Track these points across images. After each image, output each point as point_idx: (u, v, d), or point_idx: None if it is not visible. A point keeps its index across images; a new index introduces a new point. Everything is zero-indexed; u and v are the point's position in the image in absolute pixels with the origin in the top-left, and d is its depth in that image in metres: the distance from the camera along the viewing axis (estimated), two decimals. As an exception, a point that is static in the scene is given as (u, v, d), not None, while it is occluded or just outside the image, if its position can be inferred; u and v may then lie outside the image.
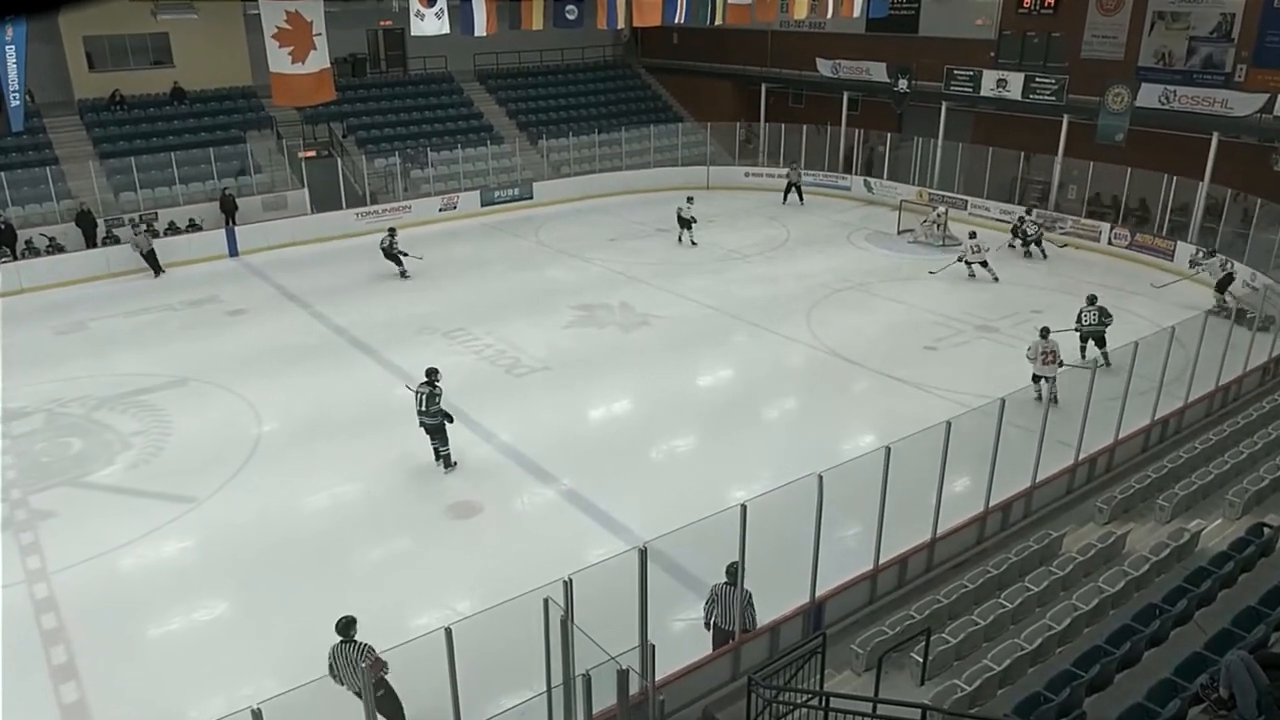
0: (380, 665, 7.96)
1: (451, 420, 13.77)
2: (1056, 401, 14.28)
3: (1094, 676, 7.39)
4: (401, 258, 23.41)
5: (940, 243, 25.23)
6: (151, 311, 21.42)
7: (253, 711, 5.91)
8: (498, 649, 8.14)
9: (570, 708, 7.34)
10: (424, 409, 13.61)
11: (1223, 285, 19.74)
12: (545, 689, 7.42)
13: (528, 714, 7.52)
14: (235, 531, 12.39)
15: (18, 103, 13.99)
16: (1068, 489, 12.20)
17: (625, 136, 33.64)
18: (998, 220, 27.04)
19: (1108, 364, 15.13)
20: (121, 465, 14.30)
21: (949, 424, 9.89)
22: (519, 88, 35.83)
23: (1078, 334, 16.58)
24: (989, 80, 27.69)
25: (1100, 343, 16.42)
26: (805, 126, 32.50)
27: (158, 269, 24.01)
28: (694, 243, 25.45)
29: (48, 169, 25.54)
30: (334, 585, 11.27)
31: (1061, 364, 14.86)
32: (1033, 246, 24.53)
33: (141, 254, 23.80)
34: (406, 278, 23.35)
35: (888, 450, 9.33)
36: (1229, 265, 20.27)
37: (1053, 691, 7.23)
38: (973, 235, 22.95)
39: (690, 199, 25.95)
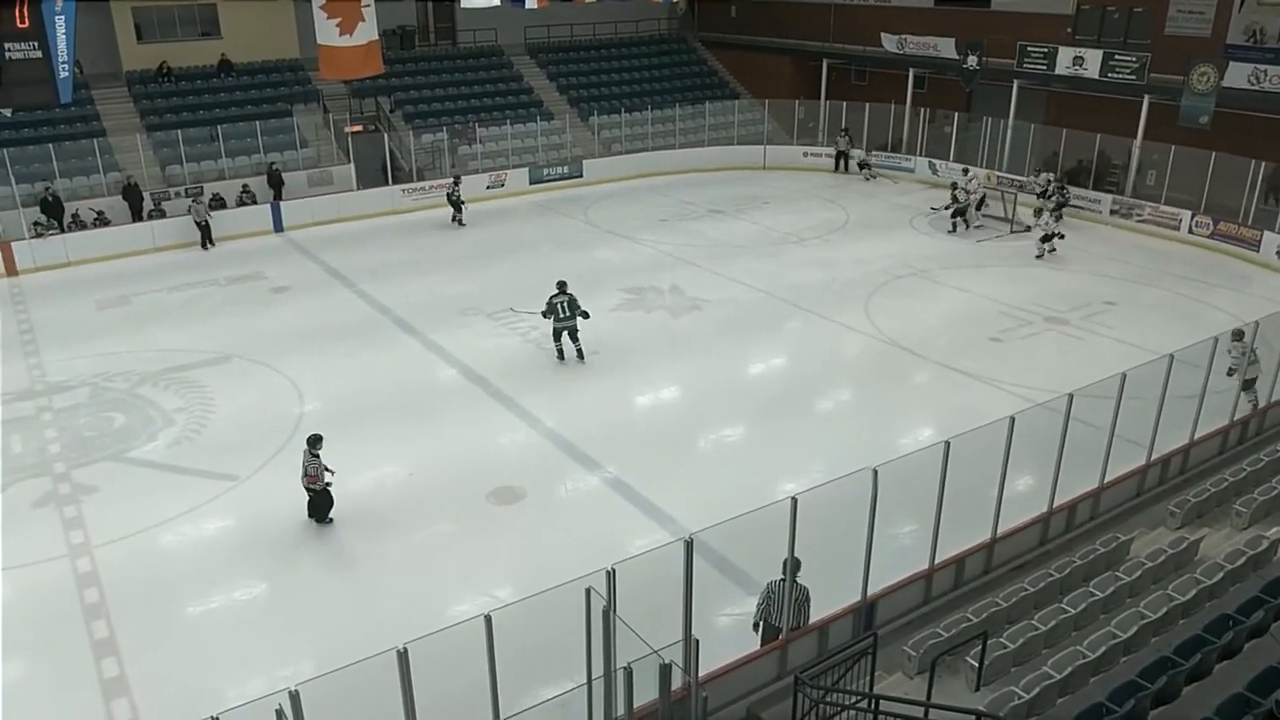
0: (314, 479, 11.96)
1: (588, 316, 16.88)
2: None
3: (1160, 688, 7.26)
4: (463, 205, 25.91)
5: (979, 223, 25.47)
6: (196, 287, 21.89)
7: (290, 694, 6.04)
8: (537, 638, 8.22)
9: (610, 701, 7.39)
10: (568, 315, 16.73)
11: None
12: (585, 681, 7.47)
13: (567, 705, 7.59)
14: (276, 511, 12.65)
15: (66, 74, 14.30)
16: (1138, 491, 11.96)
17: (679, 114, 33.51)
18: (1071, 205, 26.48)
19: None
20: (163, 441, 14.66)
21: (1012, 419, 9.74)
22: (570, 62, 35.86)
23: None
24: (1065, 57, 27.06)
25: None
26: (868, 105, 32.09)
27: (207, 241, 24.71)
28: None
29: (95, 141, 26.18)
30: (374, 568, 11.48)
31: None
32: (958, 218, 25.37)
33: (197, 223, 24.51)
34: (462, 225, 25.75)
35: (947, 445, 9.21)
36: None
37: (1116, 703, 7.11)
38: (953, 186, 23.25)
39: None
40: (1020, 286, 20.78)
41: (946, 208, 25.53)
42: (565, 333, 17.00)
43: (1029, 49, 27.90)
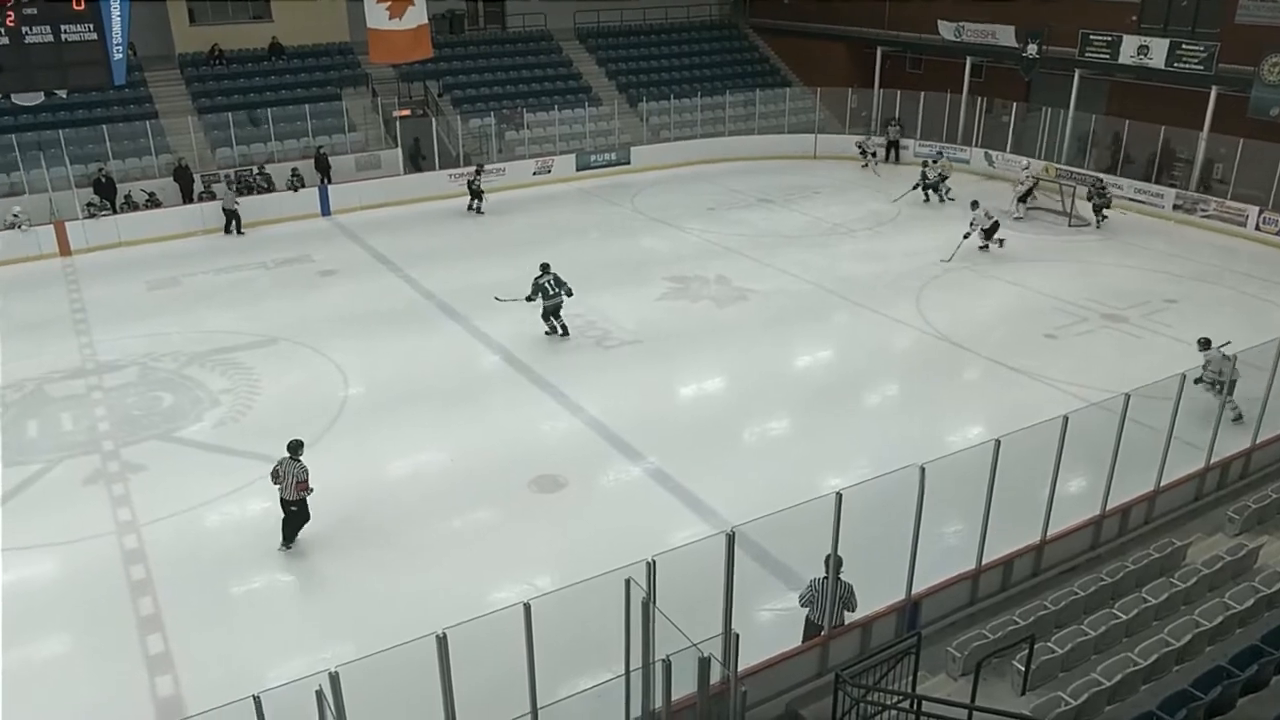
0: (304, 486, 11.35)
1: (571, 294, 17.52)
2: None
3: (1214, 699, 7.12)
4: (482, 194, 26.02)
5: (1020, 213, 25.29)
6: (244, 269, 22.26)
7: (330, 675, 6.14)
8: (576, 628, 8.27)
9: (648, 693, 7.42)
10: (556, 292, 17.29)
11: None
12: (623, 672, 7.51)
13: (604, 696, 7.63)
14: (318, 494, 12.79)
15: (120, 56, 14.59)
16: (1196, 495, 11.72)
17: (729, 101, 33.36)
18: (1131, 200, 25.99)
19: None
20: (210, 422, 14.94)
21: (1066, 418, 9.59)
22: (620, 47, 35.84)
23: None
24: (1129, 46, 26.49)
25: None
26: (923, 94, 31.69)
27: (231, 227, 24.87)
28: None
29: (148, 123, 26.68)
30: (414, 553, 11.62)
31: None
32: (930, 192, 26.65)
33: (226, 210, 24.76)
34: (480, 213, 25.78)
35: (997, 443, 9.10)
36: None
37: (1167, 712, 6.99)
38: (975, 205, 22.47)
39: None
40: (1077, 282, 20.43)
41: (915, 186, 26.68)
42: (552, 311, 17.62)
43: (1092, 37, 27.35)
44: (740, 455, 13.97)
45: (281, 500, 11.56)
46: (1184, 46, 25.42)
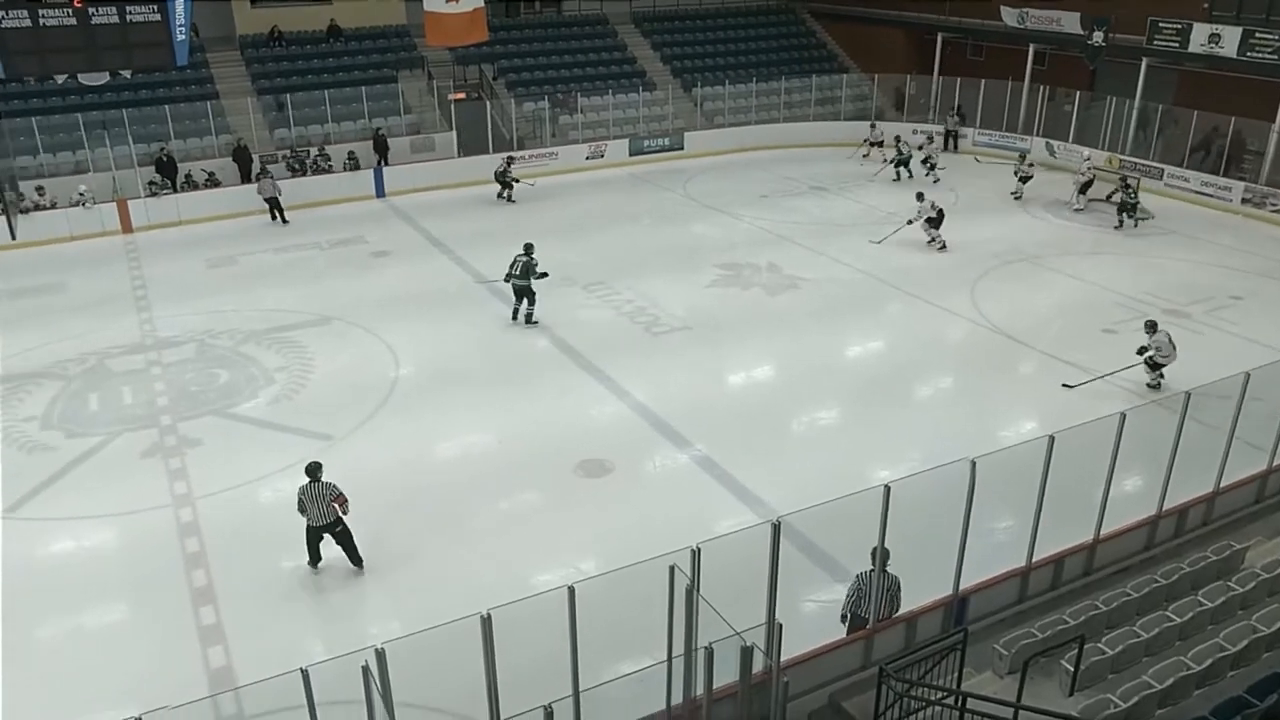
0: (342, 500, 10.59)
1: (542, 276, 17.50)
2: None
3: (1269, 707, 6.96)
4: (513, 184, 25.71)
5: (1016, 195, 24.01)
6: (299, 249, 22.59)
7: (376, 651, 6.24)
8: (619, 613, 8.30)
9: (690, 680, 7.44)
10: (518, 274, 17.41)
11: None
12: (666, 658, 7.53)
13: (646, 681, 7.67)
14: (367, 473, 13.02)
15: (183, 37, 14.87)
16: (1257, 497, 11.44)
17: (785, 87, 33.08)
18: (1198, 193, 25.36)
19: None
20: (264, 399, 15.22)
21: (1123, 415, 9.41)
22: (675, 31, 35.70)
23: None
24: (1199, 34, 25.79)
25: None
26: (983, 81, 31.16)
27: (275, 214, 24.73)
28: None
29: (208, 104, 27.17)
30: (460, 534, 11.74)
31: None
32: (901, 169, 27.64)
33: (266, 199, 24.64)
34: (511, 201, 25.75)
35: (1051, 439, 8.95)
36: None
37: (1220, 718, 6.86)
38: (920, 197, 22.19)
39: None
40: (1138, 276, 19.99)
41: (889, 161, 27.90)
42: (519, 293, 17.75)
43: (1160, 25, 26.69)
44: (788, 445, 13.91)
45: (317, 529, 10.75)
46: (1257, 35, 24.68)
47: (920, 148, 28.21)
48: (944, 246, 21.62)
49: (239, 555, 11.42)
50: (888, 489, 8.08)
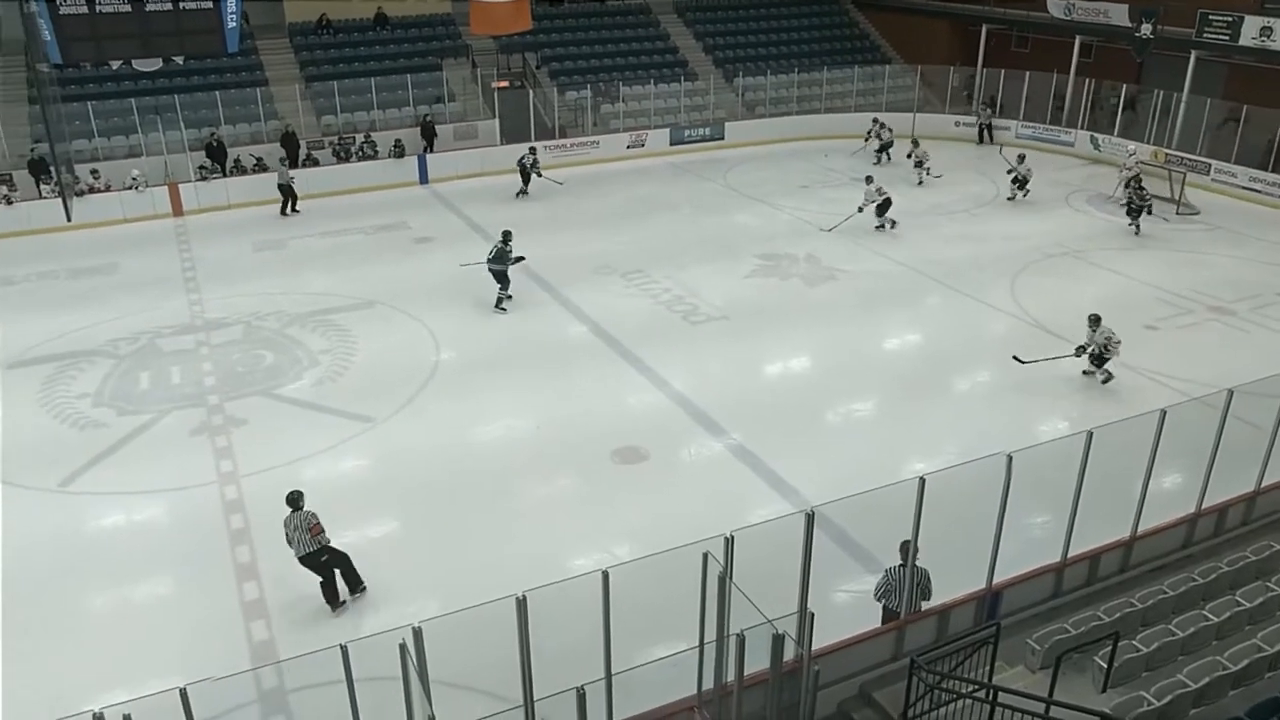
0: (318, 529, 10.03)
1: (516, 260, 17.75)
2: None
3: (1308, 709, 6.86)
4: (535, 176, 25.09)
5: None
6: (344, 234, 22.82)
7: (414, 629, 6.32)
8: (652, 598, 8.33)
9: (721, 666, 7.46)
10: (492, 258, 17.63)
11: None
12: (697, 644, 7.56)
13: (678, 665, 7.70)
14: (408, 455, 13.17)
15: (234, 25, 15.07)
16: (1299, 498, 11.23)
17: (826, 77, 32.80)
18: (1245, 189, 24.82)
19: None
20: (309, 380, 15.42)
21: (1163, 412, 9.25)
22: (717, 21, 35.51)
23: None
24: (1251, 27, 25.18)
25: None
26: (1028, 74, 30.68)
27: (288, 205, 24.41)
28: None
29: (258, 90, 27.48)
30: (497, 517, 11.84)
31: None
32: (883, 154, 28.36)
33: (279, 185, 24.50)
34: (524, 195, 25.22)
35: (1089, 435, 8.84)
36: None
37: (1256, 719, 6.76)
38: (869, 180, 22.57)
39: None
40: (1183, 273, 19.63)
41: (866, 140, 28.93)
42: (495, 278, 17.96)
43: (1211, 17, 26.07)
44: (824, 436, 13.86)
45: (304, 559, 10.13)
46: (1312, 28, 24.08)
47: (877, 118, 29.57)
48: (894, 224, 22.08)
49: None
50: (922, 481, 8.03)
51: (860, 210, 21.91)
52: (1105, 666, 7.76)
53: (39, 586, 10.64)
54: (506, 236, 17.99)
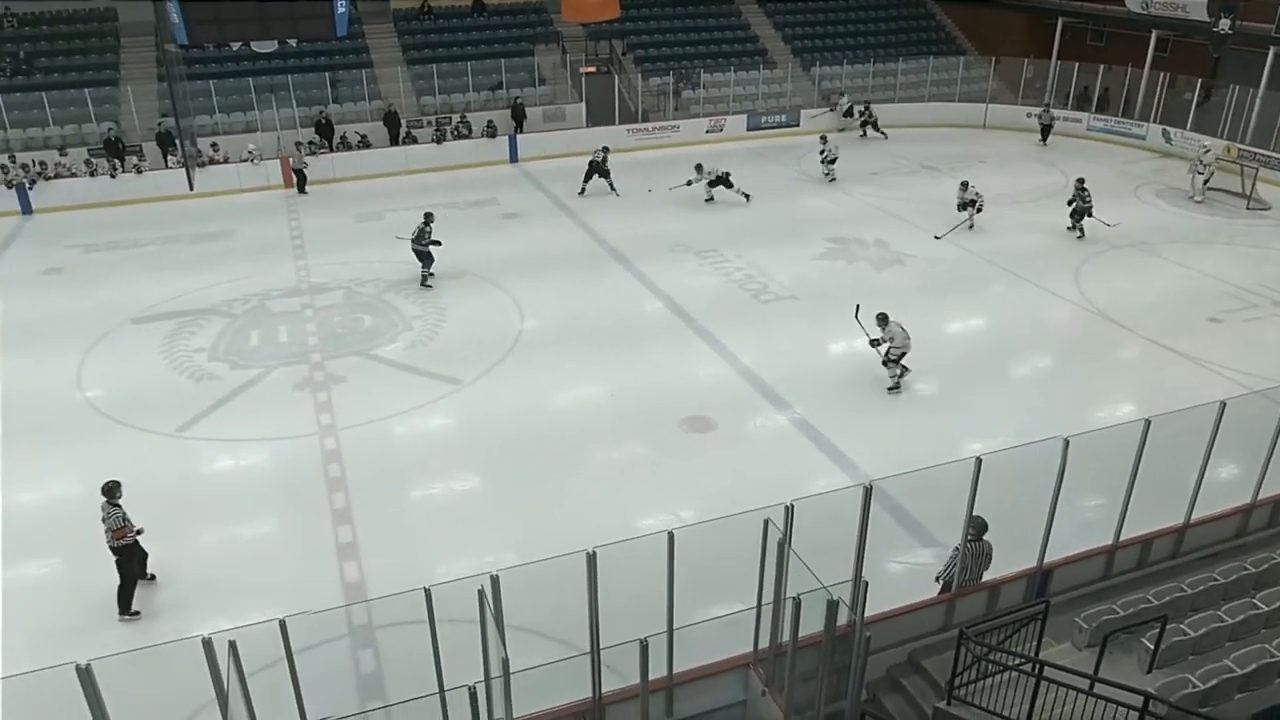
0: (120, 534, 9.37)
1: (436, 244, 17.75)
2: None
3: (1355, 700, 6.60)
4: (590, 178, 23.71)
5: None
6: (440, 209, 22.94)
7: (492, 577, 6.45)
8: (714, 560, 8.36)
9: (777, 627, 7.47)
10: (415, 238, 17.58)
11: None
12: (755, 605, 7.57)
13: (737, 624, 7.73)
14: (491, 415, 13.38)
15: (343, 10, 15.29)
16: (1358, 494, 10.73)
17: (901, 68, 32.03)
18: (1320, 185, 23.62)
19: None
20: (402, 344, 15.73)
21: (1223, 404, 8.92)
22: (797, 11, 34.86)
23: None
24: (1333, 23, 23.87)
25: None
26: (1101, 67, 29.54)
27: (300, 187, 24.66)
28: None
29: (363, 72, 27.91)
30: (572, 477, 11.98)
31: None
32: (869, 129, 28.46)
33: (295, 169, 24.67)
34: (583, 194, 23.82)
35: (1147, 423, 8.56)
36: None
37: (1302, 707, 6.53)
38: (699, 168, 22.70)
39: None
40: (1250, 267, 18.79)
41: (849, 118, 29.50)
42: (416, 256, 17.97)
43: (1293, 13, 24.78)
44: (885, 413, 13.67)
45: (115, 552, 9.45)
46: (1397, 25, 22.72)
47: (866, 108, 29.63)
48: (978, 211, 21.03)
49: (374, 482, 11.90)
50: (979, 460, 7.88)
51: (689, 184, 22.66)
52: (1152, 648, 7.57)
53: (156, 520, 11.09)
54: (428, 218, 17.92)
